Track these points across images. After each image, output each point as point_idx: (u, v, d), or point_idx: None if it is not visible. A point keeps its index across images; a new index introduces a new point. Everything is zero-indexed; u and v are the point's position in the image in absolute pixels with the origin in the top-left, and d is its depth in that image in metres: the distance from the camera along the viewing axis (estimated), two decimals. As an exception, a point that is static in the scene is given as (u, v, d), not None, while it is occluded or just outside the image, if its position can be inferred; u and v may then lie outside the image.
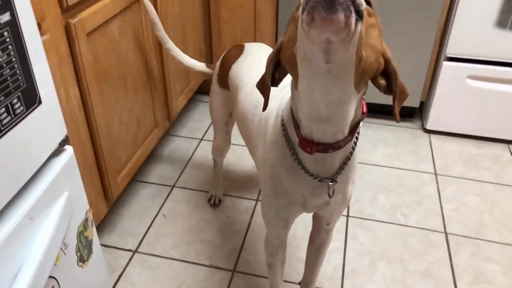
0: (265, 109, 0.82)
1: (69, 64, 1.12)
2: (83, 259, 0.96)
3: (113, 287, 1.36)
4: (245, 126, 1.10)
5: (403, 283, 1.38)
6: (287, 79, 0.78)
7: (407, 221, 1.61)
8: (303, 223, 1.56)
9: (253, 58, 1.22)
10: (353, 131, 0.78)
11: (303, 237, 1.53)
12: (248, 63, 1.20)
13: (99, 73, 1.26)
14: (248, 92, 1.11)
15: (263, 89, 0.80)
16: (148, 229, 1.57)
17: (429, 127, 2.09)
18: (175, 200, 1.71)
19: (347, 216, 1.63)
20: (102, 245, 1.50)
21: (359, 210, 1.66)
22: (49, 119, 0.81)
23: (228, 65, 1.26)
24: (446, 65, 1.92)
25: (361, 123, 0.80)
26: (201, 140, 2.06)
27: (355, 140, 0.83)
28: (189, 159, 1.93)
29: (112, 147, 1.39)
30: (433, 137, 2.10)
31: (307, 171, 0.84)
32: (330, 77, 0.64)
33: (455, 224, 1.60)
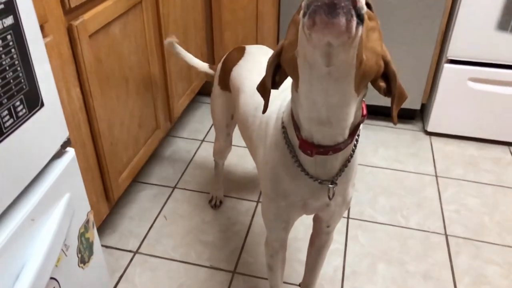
0: (265, 112, 0.83)
1: (71, 65, 1.13)
2: (84, 260, 0.96)
3: (114, 288, 1.37)
4: (246, 128, 1.10)
5: (403, 284, 1.38)
6: (287, 81, 0.78)
7: (407, 223, 1.61)
8: (303, 224, 1.56)
9: (254, 60, 1.22)
10: (353, 133, 0.78)
11: (303, 239, 1.53)
12: (249, 66, 1.21)
13: (101, 74, 1.27)
14: (249, 94, 1.12)
15: (263, 91, 0.81)
16: (149, 230, 1.57)
17: (430, 129, 2.09)
18: (176, 201, 1.71)
19: (348, 218, 1.63)
20: (103, 245, 1.50)
21: (360, 212, 1.66)
22: (51, 122, 0.81)
23: (229, 67, 1.27)
24: (447, 67, 1.92)
25: (361, 125, 0.80)
26: (203, 141, 2.06)
27: (355, 142, 0.83)
28: (190, 161, 1.93)
29: (113, 148, 1.40)
30: (434, 139, 2.10)
31: (307, 173, 0.84)
32: (330, 80, 0.64)
33: (456, 226, 1.60)
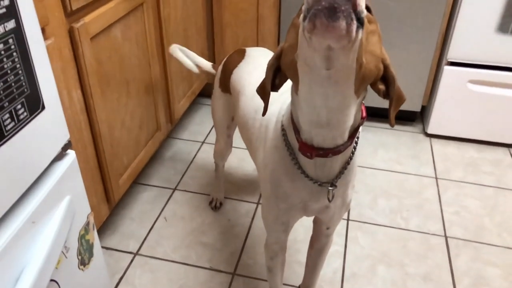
0: (264, 114, 0.83)
1: (73, 68, 1.13)
2: (84, 262, 0.96)
3: (114, 289, 1.37)
4: (246, 130, 1.11)
5: (403, 286, 1.38)
6: (287, 84, 0.79)
7: (407, 225, 1.62)
8: (303, 226, 1.57)
9: (254, 63, 1.23)
10: (352, 135, 0.78)
11: (303, 241, 1.53)
12: (249, 68, 1.21)
13: (102, 76, 1.27)
14: (249, 96, 1.12)
15: (263, 94, 0.81)
16: (149, 232, 1.58)
17: (430, 131, 2.09)
18: (176, 202, 1.71)
19: (348, 219, 1.63)
20: (103, 247, 1.51)
21: (360, 213, 1.66)
22: (52, 124, 0.82)
23: (229, 69, 1.27)
24: (447, 69, 1.93)
25: (361, 128, 0.81)
26: (203, 143, 2.06)
27: (355, 144, 0.83)
28: (191, 162, 1.93)
29: (114, 150, 1.40)
30: (434, 141, 2.10)
31: (307, 176, 0.85)
32: (330, 83, 0.64)
33: (455, 227, 1.61)
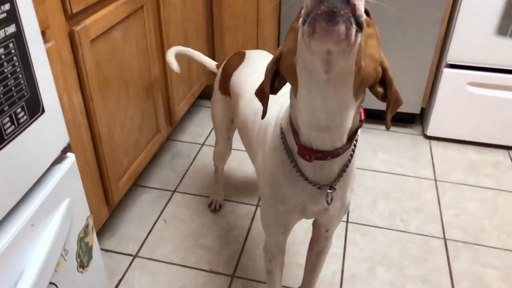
0: (264, 117, 0.83)
1: (73, 70, 1.14)
2: (83, 265, 0.97)
3: (114, 291, 1.38)
4: (246, 133, 1.11)
5: (402, 289, 1.38)
6: (286, 87, 0.79)
7: (406, 227, 1.62)
8: (302, 228, 1.57)
9: (254, 65, 1.23)
10: (351, 138, 0.78)
11: (302, 243, 1.53)
12: (248, 71, 1.21)
13: (102, 79, 1.28)
14: (248, 99, 1.13)
15: (262, 97, 0.81)
16: (148, 234, 1.58)
17: (429, 133, 2.09)
18: (176, 205, 1.71)
19: (347, 221, 1.63)
20: (102, 249, 1.51)
21: (359, 216, 1.66)
22: (52, 127, 0.82)
23: (229, 72, 1.28)
24: (446, 72, 1.93)
25: (359, 130, 0.81)
26: (203, 145, 2.07)
27: (353, 147, 0.84)
28: (190, 164, 1.94)
29: (114, 152, 1.40)
30: (433, 143, 2.10)
31: (306, 178, 0.85)
32: (330, 87, 0.65)
33: (455, 230, 1.61)
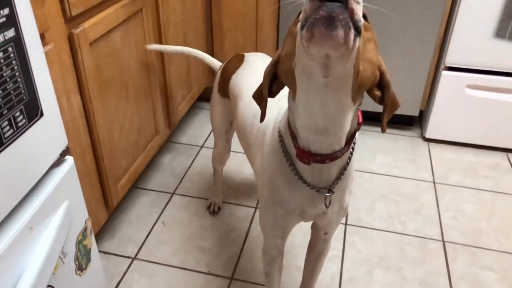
0: (262, 121, 0.83)
1: (72, 73, 1.14)
2: (81, 268, 0.97)
3: (112, 294, 1.38)
4: (244, 135, 1.11)
5: (400, 292, 1.39)
6: (284, 90, 0.79)
7: (405, 229, 1.62)
8: (301, 231, 1.57)
9: (253, 68, 1.23)
10: (349, 141, 0.79)
11: (300, 245, 1.54)
12: (247, 74, 1.22)
13: (101, 82, 1.28)
14: (247, 102, 1.13)
15: (260, 100, 0.81)
16: (147, 236, 1.58)
17: (428, 135, 2.10)
18: (175, 207, 1.72)
19: (345, 224, 1.64)
20: (101, 251, 1.51)
21: (357, 218, 1.67)
22: (50, 131, 0.82)
23: (228, 75, 1.28)
24: (445, 74, 1.94)
25: (357, 133, 0.81)
26: (202, 147, 2.07)
27: (352, 150, 0.84)
28: (189, 166, 1.94)
29: (112, 154, 1.40)
30: (432, 145, 2.11)
31: (304, 181, 0.85)
32: (328, 90, 0.65)
33: (453, 232, 1.61)
